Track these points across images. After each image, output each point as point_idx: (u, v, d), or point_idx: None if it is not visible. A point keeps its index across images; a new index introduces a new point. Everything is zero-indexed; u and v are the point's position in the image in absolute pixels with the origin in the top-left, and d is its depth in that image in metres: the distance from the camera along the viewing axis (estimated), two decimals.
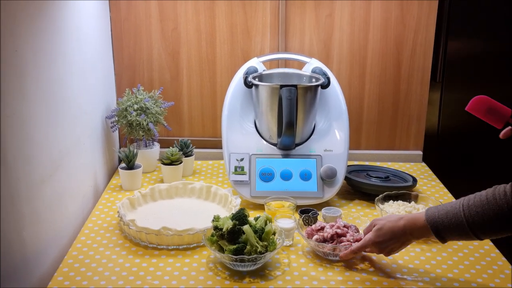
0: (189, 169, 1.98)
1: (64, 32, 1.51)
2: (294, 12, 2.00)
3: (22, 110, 1.23)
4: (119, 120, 1.92)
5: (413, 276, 1.35)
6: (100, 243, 1.49)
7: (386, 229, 1.32)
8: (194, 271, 1.36)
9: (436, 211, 1.24)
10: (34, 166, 1.30)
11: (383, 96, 2.09)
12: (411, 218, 1.29)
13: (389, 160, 2.15)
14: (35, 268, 1.32)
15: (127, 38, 2.04)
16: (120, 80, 2.09)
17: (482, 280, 1.34)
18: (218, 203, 1.71)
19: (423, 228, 1.25)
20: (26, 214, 1.26)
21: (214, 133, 2.15)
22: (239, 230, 1.34)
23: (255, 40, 2.03)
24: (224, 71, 2.07)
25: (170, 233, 1.44)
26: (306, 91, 1.71)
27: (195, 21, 2.02)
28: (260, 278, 1.33)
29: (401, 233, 1.30)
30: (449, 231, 1.22)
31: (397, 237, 1.30)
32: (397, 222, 1.31)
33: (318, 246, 1.41)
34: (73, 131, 1.58)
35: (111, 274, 1.34)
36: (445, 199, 1.80)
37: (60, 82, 1.47)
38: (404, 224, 1.29)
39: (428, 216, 1.25)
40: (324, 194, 1.70)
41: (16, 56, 1.19)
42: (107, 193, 1.82)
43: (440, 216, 1.23)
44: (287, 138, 1.70)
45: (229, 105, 1.82)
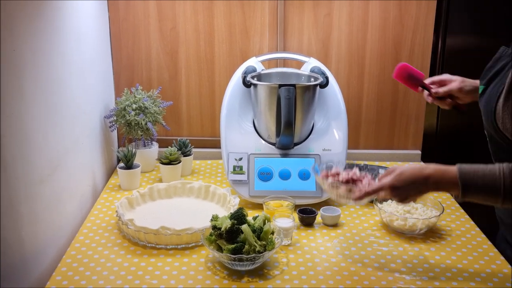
0: (188, 169, 1.98)
1: (63, 32, 1.51)
2: (293, 12, 2.00)
3: (21, 110, 1.23)
4: (117, 119, 1.92)
5: (412, 275, 1.35)
6: (98, 243, 1.49)
7: (407, 175, 1.27)
8: (193, 270, 1.36)
9: (472, 171, 1.22)
10: (32, 166, 1.30)
11: (381, 95, 2.10)
12: (439, 169, 1.26)
13: (387, 159, 2.15)
14: (34, 268, 1.32)
15: (126, 38, 2.04)
16: (119, 79, 2.09)
17: (480, 279, 1.34)
18: (216, 203, 1.71)
19: (451, 183, 1.23)
20: (25, 213, 1.26)
21: (212, 132, 2.15)
22: (238, 230, 1.34)
23: (253, 40, 2.04)
24: (222, 70, 2.07)
25: (168, 233, 1.44)
26: (304, 91, 1.71)
27: (193, 21, 2.02)
28: (259, 278, 1.33)
29: (422, 181, 1.26)
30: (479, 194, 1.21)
31: (417, 185, 1.26)
32: (421, 170, 1.27)
33: (333, 186, 1.36)
34: (71, 130, 1.58)
35: (109, 274, 1.34)
36: (444, 198, 1.81)
37: (59, 82, 1.47)
38: (430, 174, 1.25)
39: (462, 173, 1.22)
40: (323, 193, 1.70)
41: (15, 56, 1.19)
42: (105, 192, 1.82)
43: (476, 177, 1.21)
44: (285, 138, 1.70)
45: (227, 105, 1.82)
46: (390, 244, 1.51)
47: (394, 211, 1.57)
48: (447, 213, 1.69)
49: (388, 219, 1.56)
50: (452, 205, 1.76)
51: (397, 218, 1.54)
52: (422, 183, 1.26)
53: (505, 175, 1.20)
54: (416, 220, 1.51)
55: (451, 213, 1.69)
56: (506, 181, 1.19)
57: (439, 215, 1.54)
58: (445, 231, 1.58)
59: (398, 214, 1.55)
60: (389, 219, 1.56)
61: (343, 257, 1.43)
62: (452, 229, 1.60)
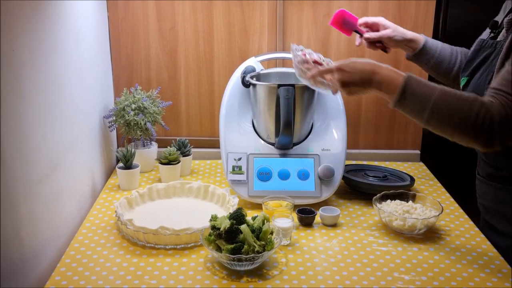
0: (187, 169, 1.98)
1: (62, 32, 1.51)
2: (292, 11, 2.00)
3: (20, 110, 1.23)
4: (116, 119, 1.92)
5: (411, 275, 1.35)
6: (97, 243, 1.49)
7: (358, 64, 1.34)
8: (192, 270, 1.36)
9: (417, 81, 1.27)
10: (31, 166, 1.30)
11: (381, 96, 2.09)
12: (390, 72, 1.31)
13: (386, 159, 2.15)
14: (33, 268, 1.32)
15: (125, 38, 2.04)
16: (118, 79, 2.09)
17: (479, 280, 1.34)
18: (216, 203, 1.71)
19: (393, 86, 1.28)
20: (24, 214, 1.26)
21: (212, 132, 2.15)
22: (237, 230, 1.34)
23: (252, 40, 2.04)
24: (222, 70, 2.07)
25: (167, 233, 1.44)
26: (303, 91, 1.71)
27: (192, 21, 2.02)
28: (258, 278, 1.33)
29: (368, 74, 1.31)
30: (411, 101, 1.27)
31: (363, 76, 1.32)
32: (373, 65, 1.33)
33: (302, 61, 1.49)
34: (70, 130, 1.58)
35: (108, 274, 1.34)
36: (443, 198, 1.81)
37: (58, 82, 1.47)
38: (379, 72, 1.31)
39: (408, 79, 1.27)
40: (322, 193, 1.70)
41: (13, 55, 1.19)
42: (104, 192, 1.82)
43: (417, 85, 1.27)
44: (284, 138, 1.70)
45: (227, 105, 1.82)
46: (389, 244, 1.51)
47: (393, 211, 1.57)
48: (446, 213, 1.69)
49: (387, 219, 1.56)
50: (451, 205, 1.76)
51: (396, 218, 1.54)
52: (368, 76, 1.31)
53: (442, 90, 1.25)
54: (415, 220, 1.51)
55: (450, 213, 1.69)
56: (439, 94, 1.24)
57: (438, 215, 1.54)
58: (444, 231, 1.58)
59: (397, 214, 1.55)
60: (388, 219, 1.56)
61: (342, 257, 1.43)
62: (451, 229, 1.60)
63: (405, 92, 1.27)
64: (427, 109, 1.25)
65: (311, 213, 1.61)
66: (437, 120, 1.26)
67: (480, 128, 1.22)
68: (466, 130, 1.23)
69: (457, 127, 1.24)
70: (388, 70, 1.32)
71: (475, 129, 1.22)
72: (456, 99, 1.24)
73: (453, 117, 1.24)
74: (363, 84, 1.33)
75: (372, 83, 1.32)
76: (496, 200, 1.50)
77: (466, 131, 1.24)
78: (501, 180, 1.48)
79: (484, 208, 1.56)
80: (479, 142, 1.24)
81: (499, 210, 1.50)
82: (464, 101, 1.24)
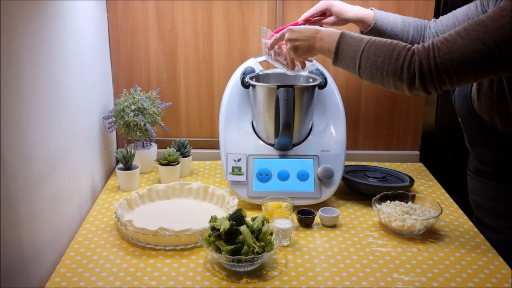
0: (187, 170, 1.98)
1: (62, 32, 1.51)
2: (291, 12, 2.00)
3: (20, 111, 1.23)
4: (116, 120, 1.92)
5: (410, 276, 1.35)
6: (97, 244, 1.49)
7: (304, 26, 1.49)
8: (191, 271, 1.36)
9: (350, 35, 1.38)
10: (31, 167, 1.30)
11: (380, 96, 2.10)
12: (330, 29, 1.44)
13: (386, 160, 2.15)
14: (33, 269, 1.32)
15: (124, 39, 2.04)
16: (118, 80, 2.09)
17: (478, 280, 1.34)
18: (215, 204, 1.71)
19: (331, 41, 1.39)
20: (24, 214, 1.26)
21: (211, 133, 2.15)
22: (236, 231, 1.34)
23: (252, 40, 2.04)
24: (221, 71, 2.07)
25: (167, 234, 1.44)
26: (303, 92, 1.71)
27: (192, 21, 2.02)
28: (257, 279, 1.33)
29: (313, 32, 1.44)
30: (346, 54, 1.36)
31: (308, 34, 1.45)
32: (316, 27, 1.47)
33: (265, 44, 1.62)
34: (70, 131, 1.58)
35: (108, 275, 1.34)
36: (442, 199, 1.81)
37: (58, 83, 1.47)
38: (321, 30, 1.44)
39: (342, 34, 1.38)
40: (321, 194, 1.70)
41: (13, 56, 1.19)
42: (104, 193, 1.82)
43: (351, 39, 1.37)
44: (284, 139, 1.70)
45: (226, 106, 1.82)
46: (388, 245, 1.51)
47: (392, 212, 1.57)
48: (446, 213, 1.69)
49: (387, 220, 1.56)
50: (451, 205, 1.76)
51: (395, 219, 1.54)
52: (312, 34, 1.44)
53: (371, 39, 1.34)
54: (414, 221, 1.51)
55: (450, 214, 1.69)
56: (367, 44, 1.33)
57: (438, 215, 1.54)
58: (444, 232, 1.58)
59: (397, 215, 1.55)
60: (388, 220, 1.56)
61: (341, 258, 1.43)
62: (451, 229, 1.60)
63: (340, 45, 1.37)
64: (357, 56, 1.34)
65: (310, 214, 1.61)
66: (365, 65, 1.33)
67: (400, 67, 1.28)
68: (389, 70, 1.29)
69: (382, 68, 1.30)
70: (328, 29, 1.45)
71: (397, 68, 1.28)
72: (383, 43, 1.32)
73: (378, 58, 1.30)
74: (308, 41, 1.44)
75: (316, 40, 1.43)
76: (485, 196, 1.54)
77: (390, 71, 1.29)
78: (488, 175, 1.51)
79: (475, 203, 1.59)
80: (403, 82, 1.28)
81: (487, 205, 1.53)
82: (389, 44, 1.31)
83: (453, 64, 1.21)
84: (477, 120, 1.46)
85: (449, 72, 1.22)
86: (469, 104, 1.46)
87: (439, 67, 1.23)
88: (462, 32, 1.22)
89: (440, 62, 1.22)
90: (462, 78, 1.23)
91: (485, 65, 1.20)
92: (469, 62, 1.20)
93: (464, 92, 1.48)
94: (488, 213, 1.54)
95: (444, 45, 1.23)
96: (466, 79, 1.24)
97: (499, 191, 1.49)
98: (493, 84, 1.39)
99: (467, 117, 1.50)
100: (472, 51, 1.19)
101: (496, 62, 1.20)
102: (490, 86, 1.39)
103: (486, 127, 1.45)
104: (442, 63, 1.22)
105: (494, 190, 1.50)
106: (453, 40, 1.22)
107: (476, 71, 1.22)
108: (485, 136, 1.48)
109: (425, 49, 1.25)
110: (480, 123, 1.46)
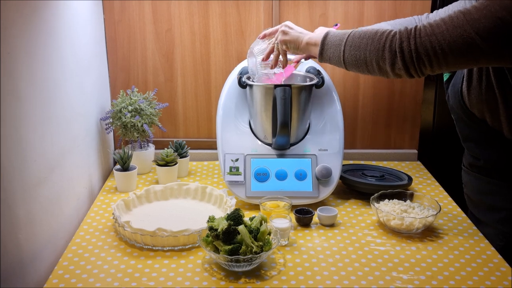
0: (184, 170, 1.98)
1: (58, 34, 1.50)
2: (288, 12, 2.00)
3: (16, 112, 1.22)
4: (113, 121, 1.91)
5: (409, 275, 1.35)
6: (95, 245, 1.49)
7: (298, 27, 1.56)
8: (190, 272, 1.36)
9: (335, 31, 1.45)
10: (29, 169, 1.29)
11: (377, 95, 2.10)
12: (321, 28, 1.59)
13: (384, 159, 2.15)
14: (31, 270, 1.31)
15: (121, 40, 2.04)
16: (115, 81, 2.09)
17: (477, 278, 1.34)
18: (213, 204, 1.71)
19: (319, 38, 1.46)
20: (22, 216, 1.26)
21: (209, 134, 2.15)
22: (234, 231, 1.34)
23: (249, 40, 2.03)
24: (218, 71, 2.07)
25: (165, 234, 1.44)
26: (300, 91, 1.71)
27: (188, 22, 2.02)
28: (256, 278, 1.33)
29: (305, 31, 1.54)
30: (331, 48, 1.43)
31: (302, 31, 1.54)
32: None
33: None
34: (67, 133, 1.57)
35: (106, 276, 1.34)
36: (440, 197, 1.81)
37: (54, 84, 1.47)
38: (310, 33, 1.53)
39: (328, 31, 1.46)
40: (320, 193, 1.70)
41: (10, 58, 1.19)
42: (102, 195, 1.82)
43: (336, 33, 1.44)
44: (281, 138, 1.69)
45: (223, 106, 1.81)
46: (387, 243, 1.51)
47: (391, 211, 1.57)
48: (444, 212, 1.69)
49: (385, 218, 1.56)
50: (449, 204, 1.76)
51: (394, 218, 1.54)
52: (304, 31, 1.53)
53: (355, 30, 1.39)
54: (413, 220, 1.51)
55: (448, 212, 1.69)
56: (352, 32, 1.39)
57: (436, 214, 1.54)
58: (442, 230, 1.58)
59: (395, 214, 1.55)
60: (386, 219, 1.55)
61: (340, 257, 1.43)
62: (449, 228, 1.60)
63: (326, 37, 1.44)
64: (342, 44, 1.39)
65: (308, 213, 1.61)
66: (350, 51, 1.38)
67: (382, 47, 1.31)
68: (372, 52, 1.33)
69: (366, 49, 1.34)
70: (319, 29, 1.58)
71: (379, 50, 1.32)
72: (366, 30, 1.37)
73: (362, 41, 1.35)
74: (300, 33, 1.53)
75: (305, 35, 1.51)
76: (476, 190, 1.57)
77: (373, 53, 1.33)
78: (479, 170, 1.54)
79: (468, 197, 1.63)
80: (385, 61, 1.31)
81: (479, 199, 1.57)
82: (373, 29, 1.35)
83: (432, 46, 1.24)
84: (468, 115, 1.50)
85: (428, 54, 1.25)
86: (460, 100, 1.51)
87: (419, 48, 1.25)
88: (446, 19, 1.24)
89: (420, 42, 1.25)
90: (443, 62, 1.25)
91: (465, 52, 1.22)
92: (449, 47, 1.22)
93: (456, 88, 1.52)
94: (479, 207, 1.58)
95: (426, 29, 1.25)
96: (446, 64, 1.25)
97: (490, 185, 1.52)
98: (481, 79, 1.42)
99: (459, 112, 1.54)
100: (452, 36, 1.22)
101: (477, 50, 1.21)
102: (479, 82, 1.43)
103: (477, 122, 1.48)
104: (421, 43, 1.25)
105: (485, 184, 1.53)
106: (436, 25, 1.25)
107: (456, 57, 1.23)
108: (476, 131, 1.52)
109: (407, 31, 1.28)
110: (471, 118, 1.50)
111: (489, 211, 1.54)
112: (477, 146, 1.53)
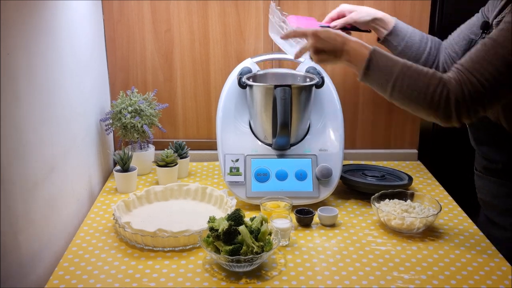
0: (184, 171, 1.97)
1: (58, 34, 1.50)
2: (288, 11, 1.99)
3: (16, 113, 1.22)
4: (113, 122, 1.91)
5: (410, 274, 1.35)
6: (95, 246, 1.48)
7: (332, 33, 1.40)
8: (190, 272, 1.36)
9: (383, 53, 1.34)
10: (28, 169, 1.29)
11: (377, 95, 2.06)
12: (360, 42, 1.37)
13: (384, 159, 2.15)
14: (31, 271, 1.31)
15: (120, 40, 2.04)
16: (114, 82, 2.08)
17: (479, 277, 1.34)
18: (213, 204, 1.71)
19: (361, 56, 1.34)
20: (21, 217, 1.25)
21: (209, 134, 2.15)
22: (235, 231, 1.33)
23: (248, 41, 2.03)
24: (218, 72, 2.07)
25: (165, 235, 1.43)
26: (300, 91, 1.71)
27: (188, 22, 2.01)
28: (257, 279, 1.33)
29: (340, 43, 1.37)
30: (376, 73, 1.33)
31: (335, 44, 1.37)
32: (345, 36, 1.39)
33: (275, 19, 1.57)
34: (67, 133, 1.57)
35: (107, 277, 1.34)
36: (441, 197, 1.81)
37: (54, 85, 1.47)
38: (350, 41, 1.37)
39: (375, 51, 1.34)
40: (320, 193, 1.70)
41: (9, 58, 1.19)
42: (102, 196, 1.81)
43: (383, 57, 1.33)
44: (282, 138, 1.69)
45: (223, 106, 1.81)
46: (388, 243, 1.50)
47: (391, 211, 1.57)
48: (445, 211, 1.69)
49: (386, 218, 1.56)
50: (450, 203, 1.76)
51: (394, 218, 1.54)
52: (340, 46, 1.37)
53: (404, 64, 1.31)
54: (413, 219, 1.51)
55: (449, 212, 1.69)
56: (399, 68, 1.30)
57: (437, 213, 1.54)
58: (443, 230, 1.58)
59: (396, 214, 1.55)
60: (387, 219, 1.55)
61: (341, 257, 1.43)
62: (450, 227, 1.59)
63: (370, 64, 1.33)
64: (390, 83, 1.31)
65: (309, 213, 1.60)
66: (398, 94, 1.32)
67: (437, 104, 1.27)
68: (425, 105, 1.29)
69: (417, 101, 1.30)
70: (356, 42, 1.37)
71: (433, 105, 1.28)
72: (417, 74, 1.30)
73: (413, 92, 1.30)
74: (335, 53, 1.38)
75: (343, 53, 1.37)
76: (491, 194, 1.54)
77: (425, 106, 1.29)
78: (495, 173, 1.52)
79: (483, 202, 1.60)
80: (438, 117, 1.30)
81: (494, 203, 1.54)
82: (423, 76, 1.29)
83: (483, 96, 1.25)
84: (482, 118, 1.46)
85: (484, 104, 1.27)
86: None
87: (475, 103, 1.26)
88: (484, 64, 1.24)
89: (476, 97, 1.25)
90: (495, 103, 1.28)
91: None
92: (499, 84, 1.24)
93: None
94: (496, 210, 1.55)
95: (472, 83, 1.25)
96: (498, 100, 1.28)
97: (505, 188, 1.49)
98: None
99: None
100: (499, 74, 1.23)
101: None
102: None
103: (492, 125, 1.45)
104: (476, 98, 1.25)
105: (503, 188, 1.50)
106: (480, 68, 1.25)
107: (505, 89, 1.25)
108: (491, 135, 1.49)
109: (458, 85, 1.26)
110: (486, 122, 1.46)
111: (505, 213, 1.52)
112: (493, 149, 1.51)
